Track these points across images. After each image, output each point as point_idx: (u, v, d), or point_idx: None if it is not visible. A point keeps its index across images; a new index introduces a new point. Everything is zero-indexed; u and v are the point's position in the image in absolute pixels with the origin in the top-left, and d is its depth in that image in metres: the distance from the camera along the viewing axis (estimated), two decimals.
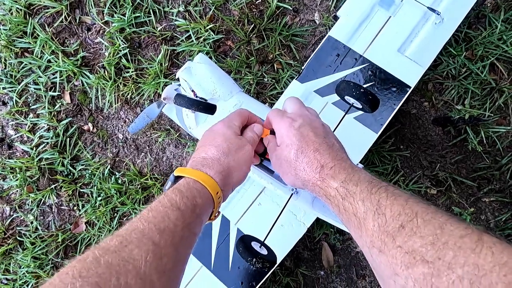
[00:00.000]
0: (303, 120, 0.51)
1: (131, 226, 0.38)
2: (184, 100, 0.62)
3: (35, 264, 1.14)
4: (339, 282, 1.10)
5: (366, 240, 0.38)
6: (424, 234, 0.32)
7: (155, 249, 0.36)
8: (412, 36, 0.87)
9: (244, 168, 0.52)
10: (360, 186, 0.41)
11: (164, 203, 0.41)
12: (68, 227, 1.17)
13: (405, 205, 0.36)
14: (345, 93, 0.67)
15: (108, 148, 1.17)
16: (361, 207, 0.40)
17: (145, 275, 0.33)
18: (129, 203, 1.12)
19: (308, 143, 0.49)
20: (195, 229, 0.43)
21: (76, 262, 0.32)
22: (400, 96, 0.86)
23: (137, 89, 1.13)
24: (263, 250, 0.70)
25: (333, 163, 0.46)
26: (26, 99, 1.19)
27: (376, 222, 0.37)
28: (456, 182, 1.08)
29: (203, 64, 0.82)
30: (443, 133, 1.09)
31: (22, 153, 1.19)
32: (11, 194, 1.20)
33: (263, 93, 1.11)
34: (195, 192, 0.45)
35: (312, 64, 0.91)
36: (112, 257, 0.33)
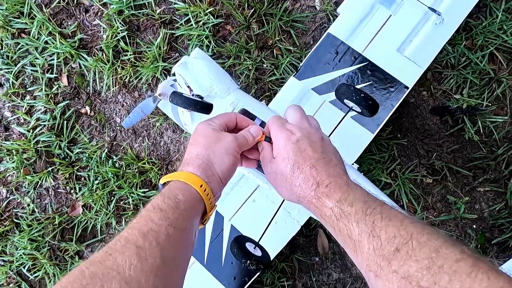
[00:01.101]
0: (301, 133, 0.51)
1: (118, 235, 0.39)
2: (181, 100, 0.61)
3: (32, 246, 1.15)
4: (333, 268, 1.12)
5: (362, 264, 0.38)
6: (419, 258, 0.32)
7: (139, 252, 0.36)
8: (412, 36, 0.87)
9: (226, 158, 0.51)
10: (355, 206, 0.41)
11: (147, 208, 0.43)
12: (65, 210, 1.17)
13: (400, 227, 0.36)
14: (344, 96, 0.67)
15: (106, 132, 1.17)
16: (356, 228, 0.39)
17: (131, 278, 0.34)
18: (126, 187, 1.12)
19: (305, 159, 0.48)
20: (183, 225, 0.43)
21: (64, 277, 0.34)
22: (398, 96, 0.86)
23: (135, 73, 1.13)
24: (257, 251, 0.70)
25: (329, 180, 0.45)
26: (22, 81, 1.18)
27: (371, 245, 0.37)
28: (452, 171, 1.08)
29: (200, 60, 0.81)
30: (441, 123, 1.10)
31: (18, 135, 1.19)
32: (7, 176, 1.19)
33: (262, 79, 1.10)
34: (177, 190, 0.46)
35: (311, 61, 0.90)
36: (97, 268, 0.34)
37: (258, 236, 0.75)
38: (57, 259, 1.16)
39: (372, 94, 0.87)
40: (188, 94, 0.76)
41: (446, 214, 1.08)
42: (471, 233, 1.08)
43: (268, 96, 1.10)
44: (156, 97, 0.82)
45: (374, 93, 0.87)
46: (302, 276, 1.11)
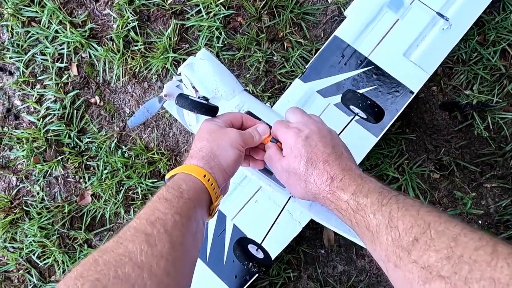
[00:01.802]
0: (310, 129, 0.51)
1: (127, 226, 0.40)
2: (186, 102, 0.62)
3: (42, 233, 1.16)
4: (339, 261, 1.13)
5: (381, 254, 0.38)
6: (438, 248, 0.32)
7: (148, 239, 0.38)
8: (419, 41, 0.87)
9: (230, 151, 0.52)
10: (370, 197, 0.41)
11: (153, 199, 0.44)
12: (74, 199, 1.18)
13: (417, 216, 0.36)
14: (350, 102, 0.67)
15: (115, 122, 1.18)
16: (373, 220, 0.39)
17: (142, 263, 0.35)
18: (135, 177, 1.13)
19: (317, 154, 0.48)
20: (188, 213, 0.44)
21: (78, 266, 0.35)
22: (403, 101, 0.86)
23: (145, 63, 1.13)
24: (259, 253, 0.71)
25: (343, 174, 0.46)
26: (33, 70, 1.18)
27: (389, 235, 0.37)
28: (460, 167, 1.09)
29: (206, 61, 0.81)
30: (450, 118, 1.10)
31: (28, 124, 1.19)
32: (17, 165, 1.20)
33: (272, 71, 1.10)
34: (180, 181, 0.47)
35: (316, 63, 0.90)
36: (109, 256, 0.35)
37: (259, 236, 0.76)
38: (66, 247, 1.18)
39: (377, 98, 0.87)
40: (193, 95, 0.76)
41: (453, 209, 1.09)
42: None
43: (278, 89, 1.10)
44: (162, 97, 0.83)
45: (379, 97, 0.87)
46: (308, 267, 1.12)
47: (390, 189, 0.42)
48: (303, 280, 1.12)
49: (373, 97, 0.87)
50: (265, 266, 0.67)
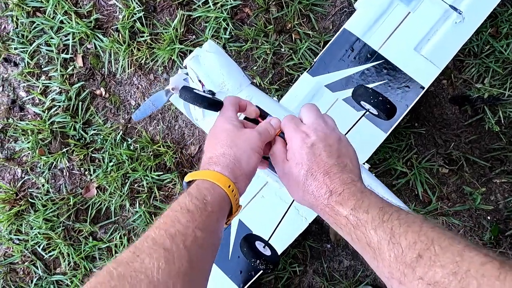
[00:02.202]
0: (317, 136, 0.49)
1: (144, 235, 0.38)
2: (189, 95, 0.60)
3: (47, 226, 1.16)
4: (344, 255, 1.12)
5: (383, 271, 0.37)
6: (444, 263, 0.32)
7: (166, 255, 0.36)
8: (430, 35, 0.84)
9: (253, 157, 0.50)
10: (371, 213, 0.40)
11: (174, 207, 0.42)
12: (79, 191, 1.18)
13: (419, 232, 0.35)
14: (361, 98, 0.66)
15: (120, 114, 1.17)
16: (374, 236, 0.38)
17: (159, 282, 0.34)
18: (140, 170, 1.13)
19: (319, 164, 0.46)
20: (210, 227, 0.42)
21: (93, 277, 0.34)
22: (413, 96, 0.84)
23: (151, 55, 1.11)
24: (266, 250, 0.70)
25: (342, 188, 0.44)
26: (38, 61, 1.17)
27: (392, 252, 0.36)
28: (469, 162, 1.07)
29: (212, 53, 0.79)
30: (460, 112, 1.08)
31: (34, 115, 1.19)
32: (22, 156, 1.20)
33: (280, 63, 1.09)
34: (205, 191, 0.45)
35: (325, 57, 0.88)
36: (125, 269, 0.34)
37: (265, 232, 0.75)
38: (71, 239, 1.18)
39: (387, 93, 0.85)
40: (200, 89, 0.75)
41: (461, 204, 1.07)
42: (485, 224, 1.07)
43: (285, 82, 1.09)
44: (169, 91, 0.81)
45: (388, 92, 0.85)
46: (314, 262, 1.12)
47: (390, 204, 0.41)
48: (309, 275, 1.11)
49: (382, 92, 0.85)
50: (272, 264, 0.66)
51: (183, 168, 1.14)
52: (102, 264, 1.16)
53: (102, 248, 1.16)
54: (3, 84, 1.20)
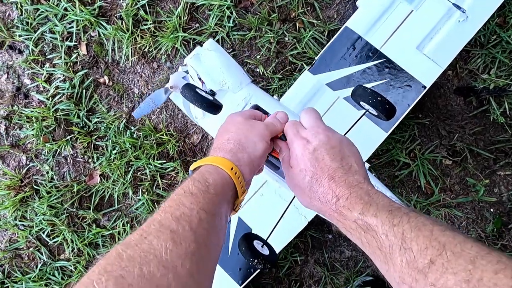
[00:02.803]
0: (318, 140, 0.48)
1: (150, 219, 0.39)
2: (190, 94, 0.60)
3: (51, 212, 1.17)
4: (346, 246, 1.12)
5: (394, 276, 0.37)
6: (456, 270, 0.31)
7: (173, 236, 0.37)
8: (433, 33, 0.83)
9: (259, 144, 0.51)
10: (380, 217, 0.40)
11: (178, 191, 0.43)
12: (83, 178, 1.19)
13: (431, 237, 0.35)
14: (361, 99, 0.65)
15: (124, 103, 1.17)
16: (385, 241, 0.38)
17: (167, 262, 0.34)
18: (143, 158, 1.13)
19: (323, 169, 0.46)
20: (213, 209, 0.43)
21: (102, 259, 0.34)
22: (415, 95, 0.84)
23: (154, 43, 1.11)
24: (264, 250, 0.70)
25: (349, 191, 0.44)
26: (42, 48, 1.17)
27: (403, 257, 0.36)
28: (473, 154, 1.06)
29: (213, 52, 0.79)
30: (464, 104, 1.07)
31: (38, 103, 1.19)
32: (27, 144, 1.21)
33: (283, 52, 1.08)
34: (207, 174, 0.45)
35: (326, 55, 0.87)
36: (134, 251, 0.34)
37: (264, 230, 0.75)
38: (75, 226, 1.19)
39: (388, 92, 0.84)
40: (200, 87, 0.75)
41: (464, 196, 1.07)
42: (488, 216, 1.07)
43: (289, 71, 1.08)
44: (168, 89, 0.81)
45: (390, 91, 0.85)
46: (315, 252, 1.12)
47: (399, 207, 0.41)
48: (310, 264, 1.12)
49: (384, 91, 0.84)
50: (270, 263, 0.66)
51: (186, 157, 1.14)
52: (105, 251, 1.17)
53: (105, 235, 1.17)
54: (8, 71, 1.20)
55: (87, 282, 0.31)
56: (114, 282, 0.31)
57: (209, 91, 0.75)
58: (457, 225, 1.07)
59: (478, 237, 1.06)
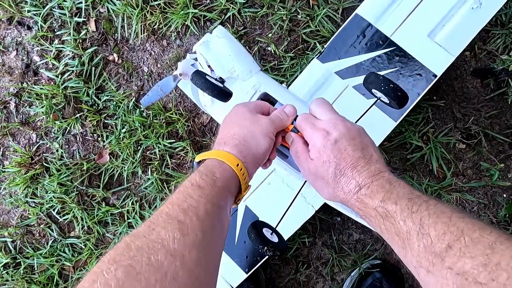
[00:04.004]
0: (339, 132, 0.49)
1: (158, 211, 0.40)
2: (201, 81, 0.59)
3: (61, 190, 1.18)
4: (354, 229, 1.12)
5: (412, 260, 0.38)
6: (474, 255, 0.32)
7: (181, 227, 0.38)
8: (445, 21, 0.81)
9: (262, 141, 0.51)
10: (400, 204, 0.40)
11: (185, 184, 0.44)
12: (92, 157, 1.19)
13: (449, 223, 0.35)
14: (373, 86, 0.64)
15: (133, 81, 1.16)
16: (403, 227, 0.39)
17: (175, 251, 0.35)
18: (152, 137, 1.13)
19: (346, 159, 0.47)
20: (220, 202, 0.44)
21: (111, 250, 0.35)
22: (425, 84, 0.82)
23: (164, 19, 1.09)
24: (274, 237, 0.70)
25: (371, 180, 0.45)
26: (51, 24, 1.16)
27: (421, 242, 0.36)
28: (488, 138, 1.04)
29: (222, 39, 0.78)
30: (481, 86, 1.04)
31: (47, 80, 1.19)
32: (37, 121, 1.21)
33: (296, 30, 1.05)
34: (214, 168, 0.47)
35: (336, 43, 0.86)
36: (142, 241, 0.35)
37: (271, 219, 0.75)
38: (84, 204, 1.20)
39: (398, 81, 0.83)
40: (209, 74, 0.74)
41: (477, 181, 1.05)
42: (500, 201, 1.05)
43: (301, 50, 1.06)
44: (176, 76, 0.80)
45: (400, 80, 0.83)
46: (323, 234, 1.12)
47: (420, 195, 0.41)
48: (318, 246, 1.12)
49: (394, 79, 0.83)
50: (280, 250, 0.67)
51: (195, 137, 1.14)
52: (114, 229, 1.18)
53: (115, 213, 1.18)
54: (17, 48, 1.20)
55: (97, 272, 0.32)
56: (123, 271, 0.32)
57: (219, 79, 0.75)
58: (468, 210, 1.06)
59: (490, 222, 1.05)
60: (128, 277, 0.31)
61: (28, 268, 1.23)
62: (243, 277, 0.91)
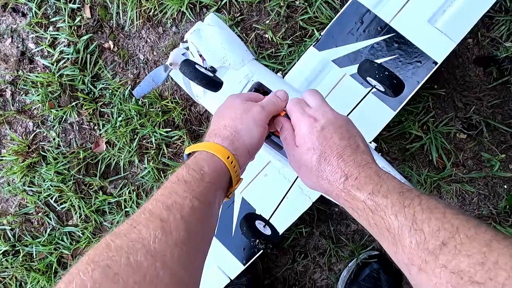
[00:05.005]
0: (326, 120, 0.47)
1: (142, 208, 0.38)
2: (189, 70, 0.57)
3: (58, 178, 1.18)
4: (352, 219, 1.11)
5: (403, 257, 0.36)
6: (470, 253, 0.30)
7: (163, 225, 0.36)
8: (446, 6, 0.78)
9: (255, 130, 0.50)
10: (390, 198, 0.39)
11: (172, 179, 0.42)
12: (89, 145, 1.19)
13: (443, 219, 0.34)
14: (367, 74, 0.62)
15: (129, 69, 1.14)
16: (395, 222, 0.37)
17: (155, 251, 0.34)
18: (149, 126, 1.12)
19: (332, 148, 0.45)
20: (207, 198, 0.42)
21: (91, 250, 0.34)
22: (425, 72, 0.79)
23: (159, 6, 1.07)
24: (267, 230, 0.69)
25: (358, 171, 0.43)
26: (45, 11, 1.14)
27: (413, 238, 0.35)
28: (489, 127, 1.02)
29: (214, 27, 0.75)
30: (484, 75, 1.02)
31: (43, 68, 1.18)
32: (33, 110, 1.20)
33: (293, 17, 1.03)
34: (202, 162, 0.44)
35: (333, 30, 0.83)
36: (122, 241, 0.34)
37: (268, 211, 0.74)
38: (82, 193, 1.20)
39: (398, 69, 0.80)
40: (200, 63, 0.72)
41: (477, 171, 1.03)
42: (501, 193, 1.03)
43: (299, 37, 1.03)
44: (167, 66, 0.79)
45: (399, 67, 0.81)
46: (320, 224, 1.11)
47: (411, 189, 0.40)
48: (315, 236, 1.11)
49: (393, 67, 0.80)
50: (272, 243, 0.66)
51: (192, 126, 1.12)
52: (112, 218, 1.18)
53: (112, 202, 1.18)
54: (12, 35, 1.18)
55: (74, 273, 0.31)
56: (101, 272, 0.31)
57: (209, 68, 0.73)
58: (468, 200, 1.05)
59: (490, 214, 1.03)
60: (105, 278, 0.30)
61: (27, 256, 1.23)
62: (240, 268, 0.90)
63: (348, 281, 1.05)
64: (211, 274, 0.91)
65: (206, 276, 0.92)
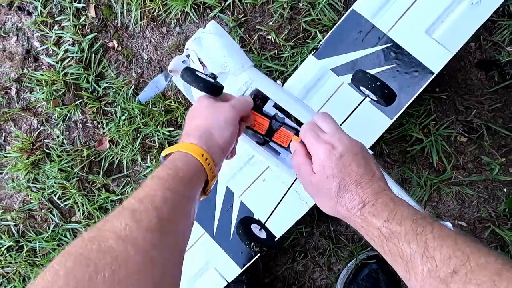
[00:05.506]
0: (344, 146, 0.48)
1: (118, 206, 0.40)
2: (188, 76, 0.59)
3: (62, 176, 1.19)
4: None
5: (415, 285, 0.37)
6: (480, 281, 0.31)
7: (134, 214, 0.37)
8: (444, 16, 0.79)
9: (225, 129, 0.52)
10: (404, 225, 0.40)
11: (148, 178, 0.44)
12: (93, 144, 1.20)
13: (454, 247, 0.34)
14: (360, 84, 0.63)
15: (133, 68, 1.15)
16: (407, 249, 0.38)
17: (127, 236, 0.35)
18: (152, 125, 1.13)
19: (350, 175, 0.46)
20: (181, 191, 0.43)
21: (68, 245, 0.36)
22: (422, 82, 0.80)
23: (164, 6, 1.08)
24: (262, 233, 0.70)
25: (375, 198, 0.44)
26: (50, 10, 1.15)
27: (425, 266, 0.35)
28: (490, 131, 1.03)
29: (214, 35, 0.77)
30: (485, 78, 1.02)
31: (48, 66, 1.19)
32: (38, 107, 1.22)
33: (297, 19, 1.03)
34: (177, 161, 0.46)
35: (332, 40, 0.85)
36: (95, 232, 0.36)
37: (266, 215, 0.75)
38: (85, 190, 1.21)
39: (394, 78, 0.81)
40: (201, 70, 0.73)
41: (477, 175, 1.04)
42: (500, 196, 1.04)
43: (302, 39, 1.04)
44: (168, 74, 0.80)
45: (396, 77, 0.82)
46: (321, 225, 1.12)
47: (424, 216, 0.40)
48: (315, 237, 1.12)
49: (390, 77, 0.82)
50: (267, 246, 0.67)
51: None
52: None
53: (115, 200, 1.19)
54: (17, 33, 1.19)
55: (50, 265, 0.33)
56: (73, 260, 0.32)
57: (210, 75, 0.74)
58: (467, 203, 1.05)
59: (489, 216, 1.04)
60: (77, 264, 0.32)
61: (31, 252, 1.25)
62: (238, 271, 0.91)
63: (347, 281, 1.06)
64: (208, 276, 0.92)
65: (204, 278, 0.94)
